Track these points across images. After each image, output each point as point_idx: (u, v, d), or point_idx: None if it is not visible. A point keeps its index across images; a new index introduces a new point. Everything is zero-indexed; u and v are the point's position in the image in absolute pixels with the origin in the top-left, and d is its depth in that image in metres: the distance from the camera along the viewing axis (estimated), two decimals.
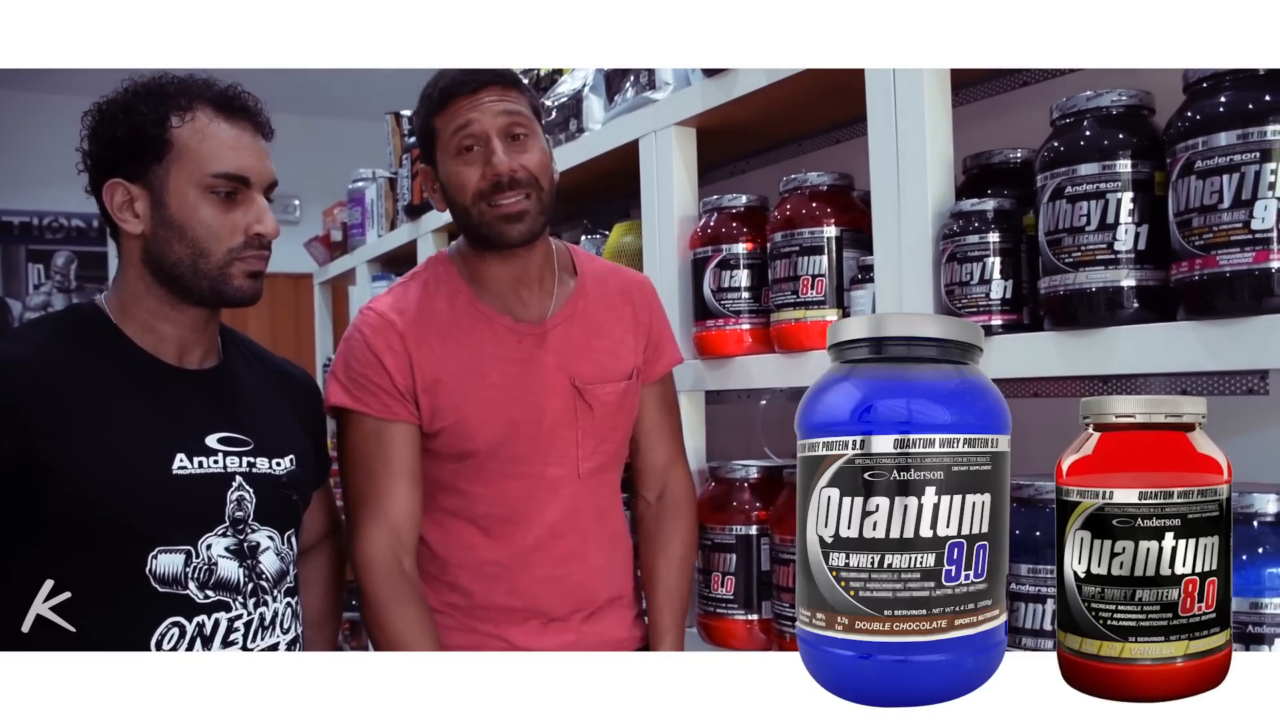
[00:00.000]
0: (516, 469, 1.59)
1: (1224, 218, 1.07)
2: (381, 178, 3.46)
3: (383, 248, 3.38)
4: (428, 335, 1.57)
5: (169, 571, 1.31)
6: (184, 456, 1.34)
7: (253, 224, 1.37)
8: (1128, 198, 1.17)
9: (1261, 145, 1.04)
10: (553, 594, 1.61)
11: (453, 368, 1.57)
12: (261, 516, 1.40)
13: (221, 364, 1.47)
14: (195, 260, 1.35)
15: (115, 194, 1.37)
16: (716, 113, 1.82)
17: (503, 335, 1.60)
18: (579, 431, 1.61)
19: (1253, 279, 1.05)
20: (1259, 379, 1.34)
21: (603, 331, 1.66)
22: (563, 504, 1.61)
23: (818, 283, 1.61)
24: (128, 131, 1.35)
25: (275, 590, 1.40)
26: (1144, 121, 1.21)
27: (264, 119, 1.43)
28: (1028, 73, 1.65)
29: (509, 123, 1.54)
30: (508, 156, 1.53)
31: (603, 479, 1.67)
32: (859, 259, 1.60)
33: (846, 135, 2.02)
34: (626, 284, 1.72)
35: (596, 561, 1.65)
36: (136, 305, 1.39)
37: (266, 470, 1.42)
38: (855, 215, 1.63)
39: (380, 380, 1.55)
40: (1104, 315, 1.19)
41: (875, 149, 1.48)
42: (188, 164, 1.35)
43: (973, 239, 1.35)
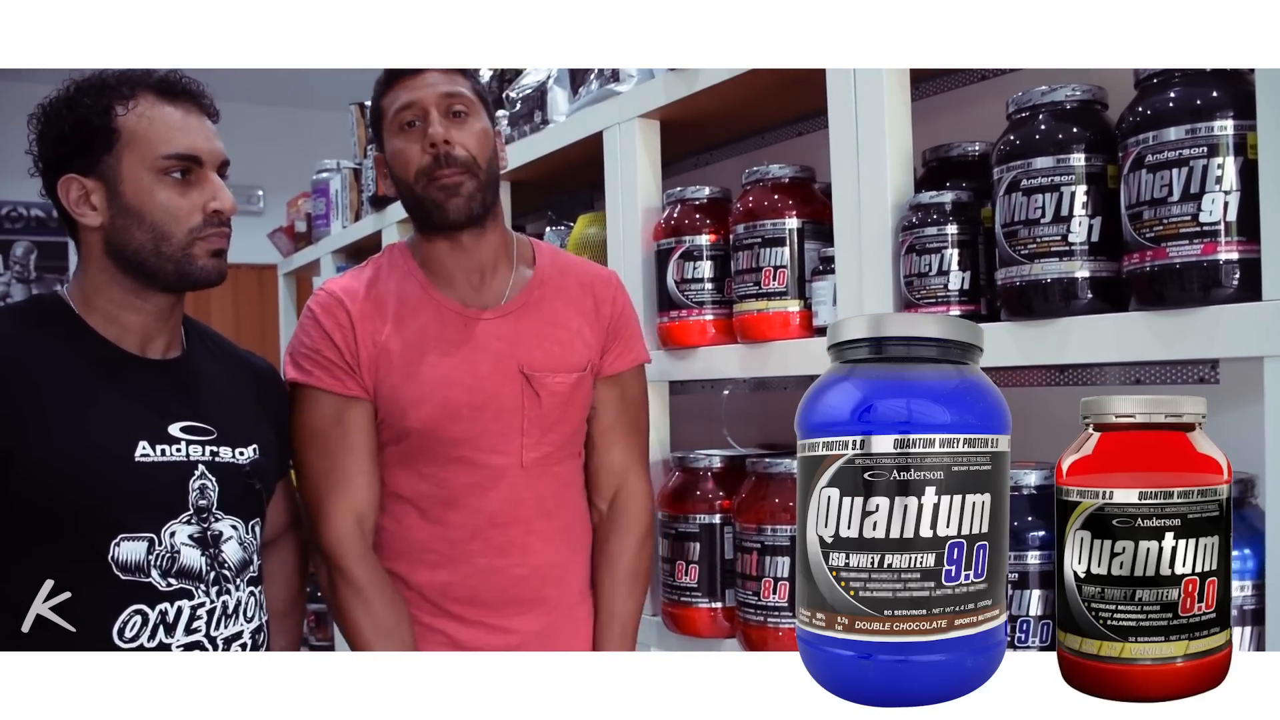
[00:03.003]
0: (455, 452, 1.58)
1: (1173, 210, 1.09)
2: (346, 168, 3.44)
3: (347, 238, 3.36)
4: (374, 314, 1.59)
5: (131, 559, 1.31)
6: (146, 444, 1.34)
7: (209, 202, 1.38)
8: (1081, 190, 1.19)
9: (1209, 140, 1.07)
10: (493, 586, 1.60)
11: (395, 346, 1.58)
12: (225, 505, 1.40)
13: (184, 354, 1.47)
14: (157, 244, 1.36)
15: (70, 189, 1.37)
16: (680, 105, 1.83)
17: (449, 318, 1.60)
18: (524, 419, 1.59)
19: (1201, 270, 1.08)
20: (1209, 368, 1.37)
21: (558, 321, 1.65)
22: (503, 493, 1.59)
23: (779, 274, 1.63)
24: (74, 126, 1.36)
25: (238, 579, 1.40)
26: (1097, 116, 1.24)
27: (208, 100, 1.44)
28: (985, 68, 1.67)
29: (449, 101, 1.57)
30: (444, 132, 1.55)
31: (549, 471, 1.64)
32: (820, 250, 1.61)
33: (808, 128, 2.03)
34: (590, 277, 1.71)
35: (543, 557, 1.63)
36: (99, 296, 1.39)
37: (229, 459, 1.42)
38: (816, 207, 1.64)
39: (330, 355, 1.57)
40: (1059, 306, 1.22)
41: (836, 142, 1.50)
42: (138, 149, 1.35)
43: (931, 231, 1.37)
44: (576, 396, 1.64)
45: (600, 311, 1.68)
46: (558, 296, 1.67)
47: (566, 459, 1.67)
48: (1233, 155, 1.06)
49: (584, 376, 1.65)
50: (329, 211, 3.57)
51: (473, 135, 1.57)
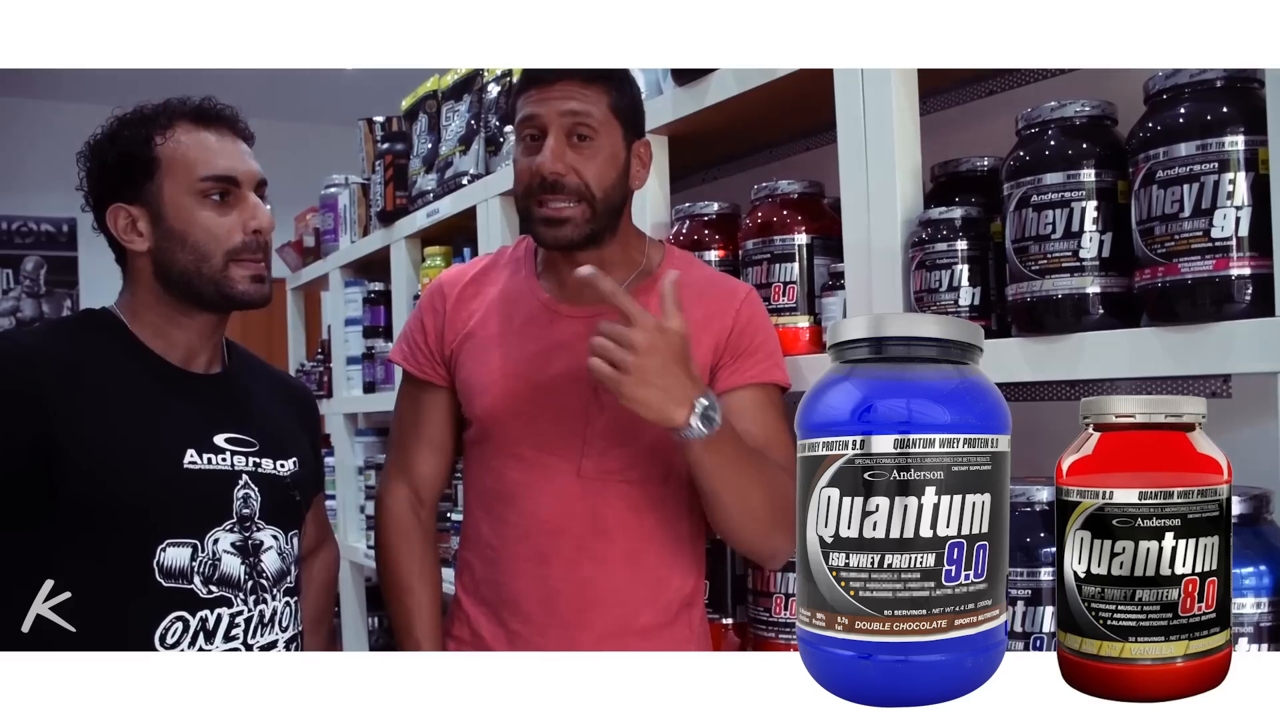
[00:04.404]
0: (515, 449, 1.54)
1: (1185, 226, 1.09)
2: (354, 183, 3.44)
3: (355, 253, 3.36)
4: (471, 300, 1.61)
5: (175, 564, 1.36)
6: (194, 452, 1.40)
7: (248, 220, 1.46)
8: (1092, 206, 1.19)
9: (1220, 155, 1.07)
10: (534, 596, 1.51)
11: (480, 333, 1.59)
12: (267, 515, 1.46)
13: (226, 370, 1.54)
14: (199, 265, 1.43)
15: (118, 218, 1.45)
16: (688, 120, 1.83)
17: (537, 312, 1.56)
18: (588, 428, 1.50)
19: (1213, 286, 1.08)
20: (1222, 382, 1.37)
21: None
22: (554, 499, 1.51)
23: (789, 290, 1.63)
24: (117, 158, 1.44)
25: (275, 589, 1.45)
26: (1107, 131, 1.24)
27: (242, 124, 1.52)
28: (994, 81, 1.67)
29: (573, 122, 1.47)
30: (560, 157, 1.46)
31: (614, 488, 1.51)
32: (830, 266, 1.61)
33: (816, 142, 2.03)
34: (710, 288, 1.56)
35: (593, 579, 1.50)
36: (149, 312, 1.46)
37: (272, 471, 1.48)
38: (826, 223, 1.64)
39: (418, 338, 1.65)
40: (1070, 321, 1.21)
41: (845, 157, 1.50)
42: (177, 175, 1.43)
43: (941, 246, 1.37)
44: None
45: (712, 324, 1.52)
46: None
47: (644, 480, 1.52)
48: (1244, 170, 1.06)
49: None
50: (337, 226, 3.57)
51: (592, 162, 1.47)
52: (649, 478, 1.52)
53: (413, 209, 2.86)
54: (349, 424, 3.48)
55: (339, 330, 3.47)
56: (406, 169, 2.94)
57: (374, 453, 3.31)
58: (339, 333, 3.47)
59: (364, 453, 3.40)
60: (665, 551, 1.54)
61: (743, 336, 1.53)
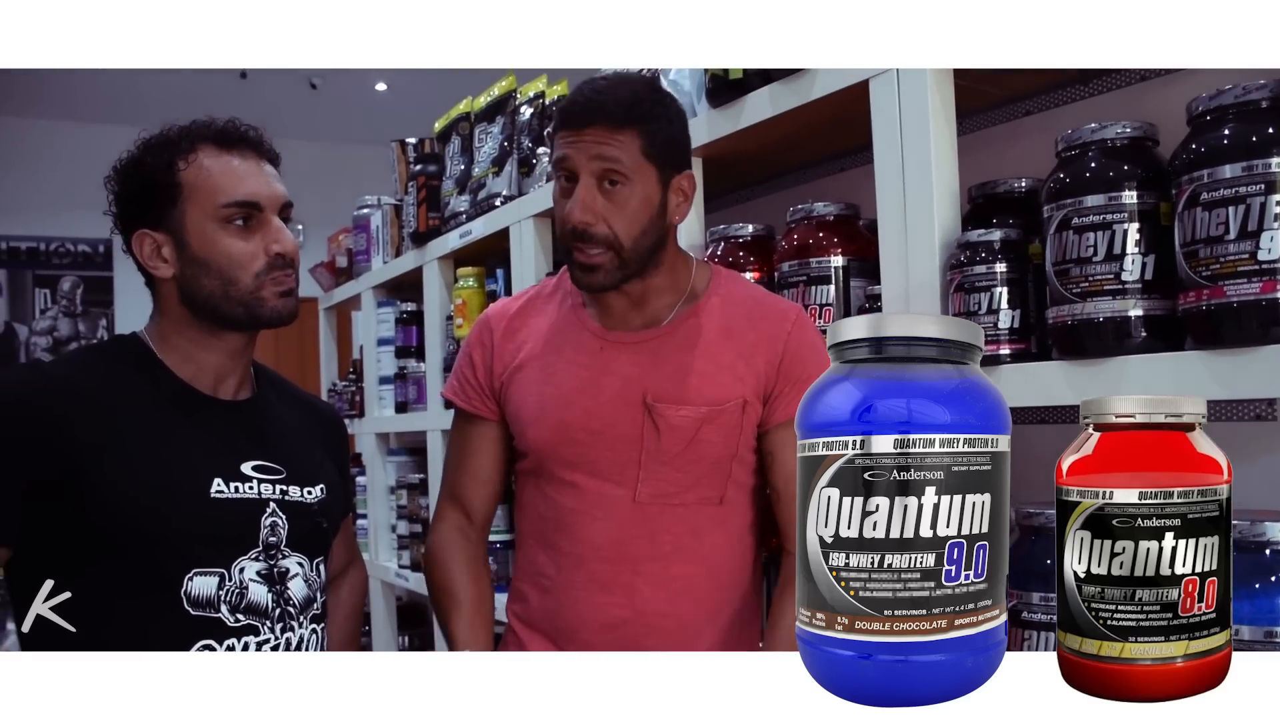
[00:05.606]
0: (569, 476, 1.54)
1: (1230, 249, 1.07)
2: (387, 204, 3.47)
3: (388, 274, 3.39)
4: (518, 330, 1.62)
5: (203, 594, 1.35)
6: (221, 481, 1.40)
7: (271, 245, 1.43)
8: (1134, 228, 1.18)
9: (1266, 177, 1.05)
10: (593, 623, 1.51)
11: (529, 364, 1.59)
12: (293, 543, 1.45)
13: (254, 396, 1.53)
14: (225, 289, 1.42)
15: (144, 244, 1.44)
16: (722, 143, 1.83)
17: (585, 340, 1.57)
18: (642, 452, 1.50)
19: (1260, 309, 1.06)
20: (1266, 406, 1.35)
21: (707, 353, 1.52)
22: (611, 526, 1.51)
23: (825, 312, 1.62)
24: (141, 184, 1.43)
25: (301, 616, 1.45)
26: (1148, 153, 1.23)
27: (266, 146, 1.49)
28: (1031, 103, 1.66)
29: (603, 167, 1.46)
30: (589, 207, 1.46)
31: (672, 512, 1.51)
32: (866, 288, 1.61)
33: (850, 164, 2.03)
34: (762, 310, 1.56)
35: (652, 605, 1.50)
36: (177, 336, 1.46)
37: (299, 498, 1.47)
38: (862, 244, 1.63)
39: (467, 373, 1.66)
40: (1112, 345, 1.20)
41: (881, 179, 1.49)
42: (200, 201, 1.42)
43: (980, 269, 1.36)
44: (707, 433, 1.50)
45: (761, 348, 1.52)
46: (714, 326, 1.55)
47: (701, 503, 1.52)
48: None
49: (721, 412, 1.50)
50: (370, 247, 3.60)
51: (622, 211, 1.47)
52: (705, 500, 1.52)
53: (445, 230, 2.88)
54: (381, 444, 3.49)
55: (371, 350, 3.49)
56: (439, 190, 2.95)
57: (405, 472, 3.32)
58: (371, 353, 3.49)
59: (396, 472, 3.40)
60: (723, 573, 1.54)
61: (794, 364, 1.52)
